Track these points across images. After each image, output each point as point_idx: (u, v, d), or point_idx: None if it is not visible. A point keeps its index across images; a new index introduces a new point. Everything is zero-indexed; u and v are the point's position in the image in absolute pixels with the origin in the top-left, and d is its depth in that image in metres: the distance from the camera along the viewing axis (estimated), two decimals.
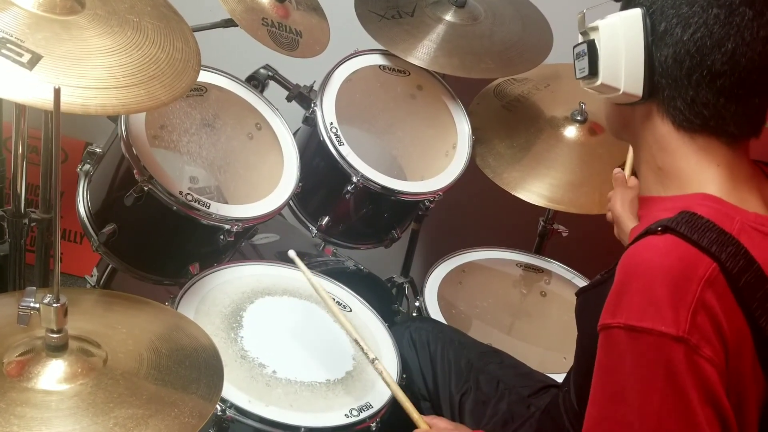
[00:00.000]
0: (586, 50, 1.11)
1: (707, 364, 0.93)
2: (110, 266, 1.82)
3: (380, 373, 1.42)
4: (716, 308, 0.94)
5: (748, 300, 0.96)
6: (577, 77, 1.16)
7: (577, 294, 1.22)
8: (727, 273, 0.95)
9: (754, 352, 0.98)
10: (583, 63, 1.13)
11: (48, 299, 1.08)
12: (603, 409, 1.00)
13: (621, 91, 1.08)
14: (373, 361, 1.42)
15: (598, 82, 1.10)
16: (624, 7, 1.09)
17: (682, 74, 1.03)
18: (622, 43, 1.06)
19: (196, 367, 1.21)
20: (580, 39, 1.15)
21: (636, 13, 1.05)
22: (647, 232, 0.99)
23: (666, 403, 0.94)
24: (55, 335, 1.10)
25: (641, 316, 0.95)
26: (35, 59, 1.18)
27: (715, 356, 0.93)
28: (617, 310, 0.98)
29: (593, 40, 1.10)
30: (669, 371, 0.93)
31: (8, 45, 1.18)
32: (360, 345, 1.44)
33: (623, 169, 1.73)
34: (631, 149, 1.74)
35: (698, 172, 1.06)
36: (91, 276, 1.90)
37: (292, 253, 1.57)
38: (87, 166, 1.73)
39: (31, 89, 1.15)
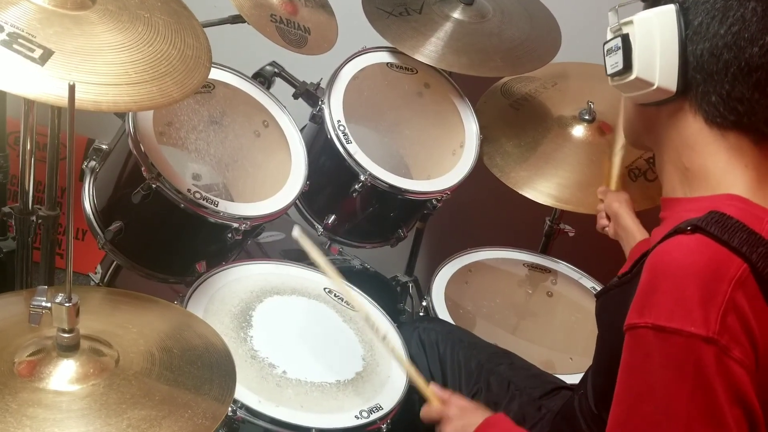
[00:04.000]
0: (619, 44, 1.11)
1: (737, 366, 0.92)
2: (115, 263, 1.81)
3: (391, 350, 1.42)
4: (746, 309, 0.93)
5: None
6: (609, 73, 1.15)
7: (597, 295, 1.22)
8: (757, 274, 0.94)
9: None
10: (616, 58, 1.12)
11: (60, 298, 1.06)
12: (629, 408, 0.99)
13: (655, 86, 1.07)
14: (383, 338, 1.42)
15: (633, 76, 1.09)
16: (653, 5, 1.08)
17: (719, 67, 1.02)
18: (657, 38, 1.06)
19: (209, 367, 1.19)
20: (610, 35, 1.14)
21: (670, 8, 1.05)
22: (676, 231, 0.98)
23: (694, 404, 0.93)
24: (66, 335, 1.09)
25: (670, 317, 0.94)
26: (47, 55, 1.17)
27: (745, 357, 0.93)
28: (645, 310, 0.97)
29: (627, 35, 1.10)
30: (698, 372, 0.92)
31: (19, 40, 1.16)
32: (370, 321, 1.43)
33: (606, 185, 1.75)
34: (615, 164, 1.75)
35: (727, 173, 1.05)
36: (95, 273, 1.89)
37: (296, 232, 1.43)
38: (93, 163, 1.72)
39: (43, 85, 1.14)
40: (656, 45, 1.06)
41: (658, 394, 0.95)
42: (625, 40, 1.10)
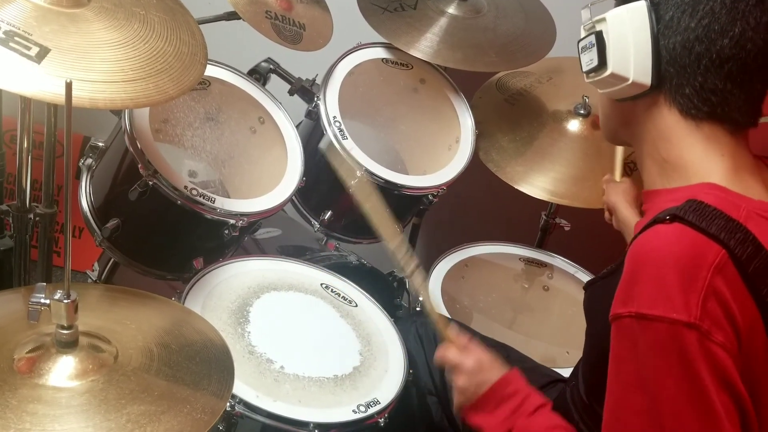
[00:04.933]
0: (594, 42, 1.13)
1: (720, 350, 0.94)
2: (112, 261, 1.82)
3: (419, 283, 1.39)
4: (726, 294, 0.95)
5: (758, 285, 0.97)
6: (584, 70, 1.17)
7: (585, 287, 1.23)
8: (736, 259, 0.96)
9: (766, 337, 0.99)
10: (591, 55, 1.13)
11: (59, 295, 1.07)
12: (619, 398, 1.01)
13: (630, 81, 1.08)
14: (412, 273, 1.38)
15: (608, 72, 1.10)
16: (624, 1, 1.10)
17: (692, 60, 1.04)
18: (630, 33, 1.08)
19: (207, 362, 1.20)
20: (583, 33, 1.16)
21: (641, 4, 1.07)
22: (655, 221, 1.00)
23: (681, 390, 0.94)
24: (65, 331, 1.09)
25: (652, 304, 0.96)
26: (43, 52, 1.17)
27: (727, 341, 0.94)
28: (628, 299, 0.99)
29: (600, 32, 1.12)
30: (682, 358, 0.94)
31: (16, 38, 1.17)
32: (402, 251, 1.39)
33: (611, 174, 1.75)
34: (619, 152, 1.75)
35: (703, 162, 1.07)
36: (92, 270, 1.89)
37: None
38: (89, 161, 1.72)
39: (39, 83, 1.14)
40: (629, 41, 1.08)
41: (645, 382, 0.97)
42: (599, 37, 1.11)
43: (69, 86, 0.98)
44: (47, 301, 1.08)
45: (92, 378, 1.09)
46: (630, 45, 1.08)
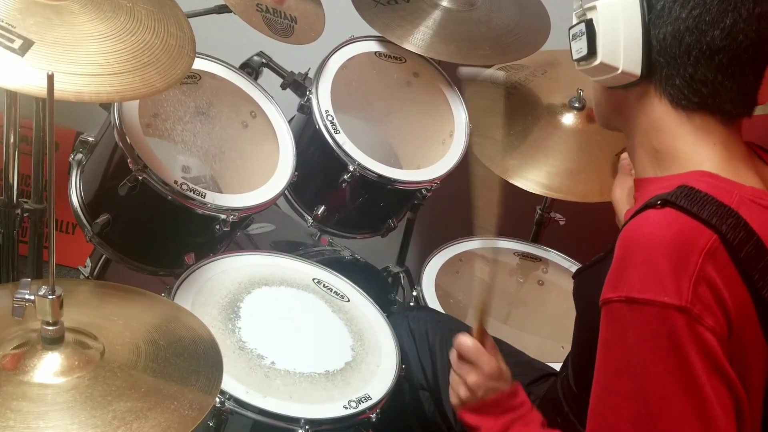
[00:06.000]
0: (584, 30, 1.11)
1: (709, 334, 0.93)
2: (104, 257, 1.80)
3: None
4: (717, 279, 0.94)
5: (749, 271, 0.97)
6: (574, 58, 1.15)
7: (574, 275, 1.23)
8: (727, 244, 0.95)
9: (758, 323, 0.99)
10: (581, 43, 1.12)
11: (43, 291, 1.05)
12: (608, 383, 1.00)
13: (620, 70, 1.07)
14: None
15: (597, 62, 1.09)
16: None
17: (682, 51, 1.03)
18: (620, 22, 1.06)
19: (195, 358, 1.19)
20: (575, 20, 1.15)
21: None
22: (646, 206, 1.00)
23: (671, 375, 0.94)
24: (50, 327, 1.08)
25: (643, 288, 0.95)
26: (27, 45, 1.16)
27: (717, 326, 0.94)
28: (618, 283, 0.98)
29: (591, 20, 1.10)
30: (672, 342, 0.94)
31: None
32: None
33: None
34: None
35: (695, 151, 1.06)
36: (85, 267, 1.88)
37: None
38: (79, 156, 1.70)
39: (23, 76, 1.13)
40: (620, 30, 1.07)
41: (634, 366, 0.96)
42: (589, 25, 1.10)
43: (51, 79, 0.97)
44: (32, 297, 1.07)
45: (78, 374, 1.07)
46: (620, 34, 1.07)
